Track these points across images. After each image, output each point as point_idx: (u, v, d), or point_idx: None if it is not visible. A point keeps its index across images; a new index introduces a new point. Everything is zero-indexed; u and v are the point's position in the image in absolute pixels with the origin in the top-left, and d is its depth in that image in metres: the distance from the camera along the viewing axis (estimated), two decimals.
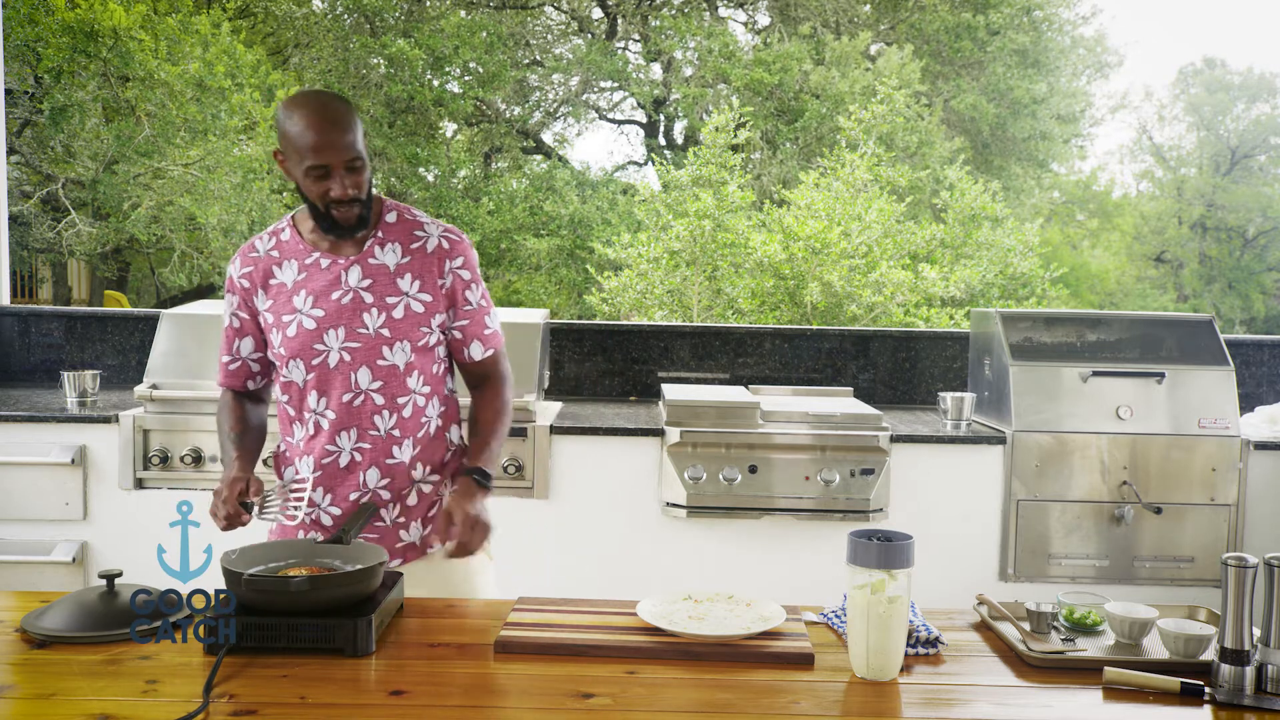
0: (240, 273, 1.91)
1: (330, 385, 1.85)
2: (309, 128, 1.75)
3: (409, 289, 1.86)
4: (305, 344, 1.84)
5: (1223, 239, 20.28)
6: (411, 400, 1.88)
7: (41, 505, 3.03)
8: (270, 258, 1.89)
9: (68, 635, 1.53)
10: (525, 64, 17.42)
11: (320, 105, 1.78)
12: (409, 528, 1.92)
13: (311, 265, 1.86)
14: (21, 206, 12.18)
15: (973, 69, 16.75)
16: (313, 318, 1.84)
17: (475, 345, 1.95)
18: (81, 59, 12.08)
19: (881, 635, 1.44)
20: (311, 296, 1.85)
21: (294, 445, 1.93)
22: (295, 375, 1.87)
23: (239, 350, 1.96)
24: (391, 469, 1.88)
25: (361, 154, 1.79)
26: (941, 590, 2.29)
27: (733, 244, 11.43)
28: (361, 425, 1.86)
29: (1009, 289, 11.98)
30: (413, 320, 1.86)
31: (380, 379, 1.85)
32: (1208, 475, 3.15)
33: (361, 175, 1.79)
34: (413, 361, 1.86)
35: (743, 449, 3.08)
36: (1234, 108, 21.49)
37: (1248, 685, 1.41)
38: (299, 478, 1.85)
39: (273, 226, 1.95)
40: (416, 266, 1.87)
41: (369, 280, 1.85)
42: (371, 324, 1.84)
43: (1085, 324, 3.39)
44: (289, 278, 1.87)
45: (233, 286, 1.93)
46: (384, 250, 1.87)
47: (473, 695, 1.38)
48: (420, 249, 1.88)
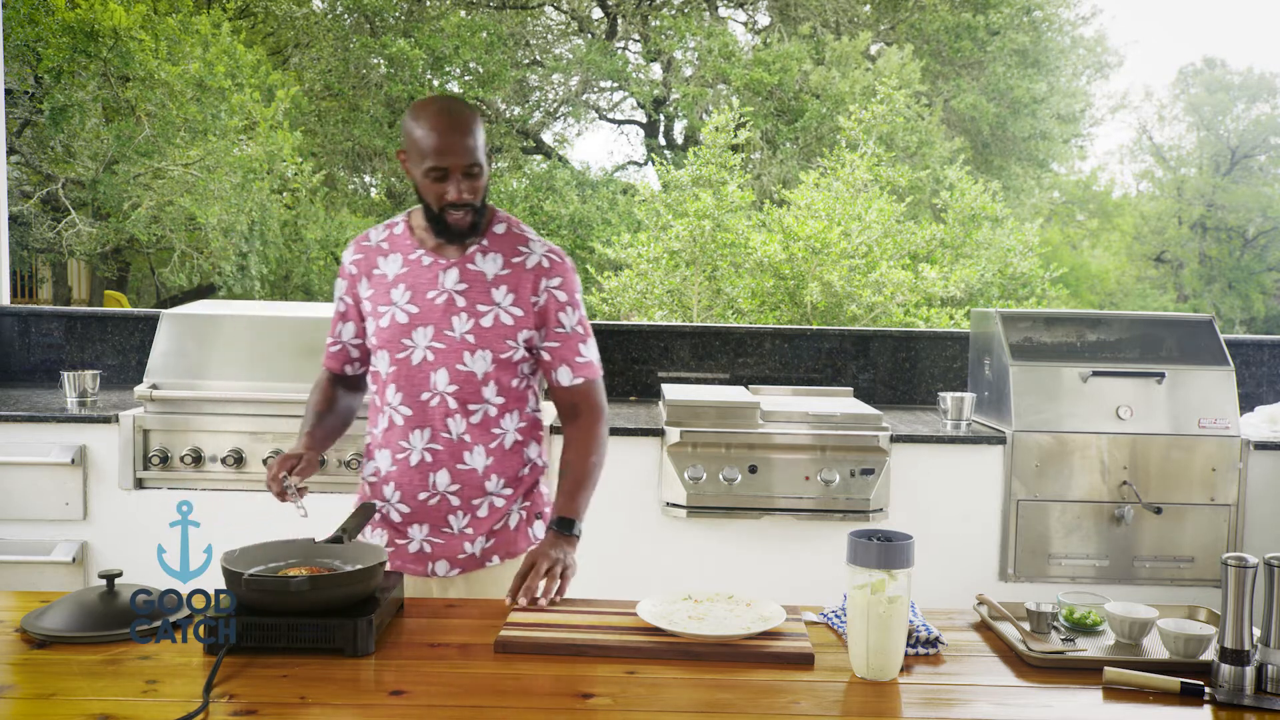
0: (351, 259, 1.97)
1: (409, 382, 1.88)
2: (432, 130, 1.78)
3: (501, 300, 1.88)
4: (394, 337, 1.88)
5: (1223, 239, 20.28)
6: (484, 409, 1.89)
7: (41, 505, 3.03)
8: (379, 249, 1.94)
9: (68, 635, 1.53)
10: (525, 64, 17.42)
11: (446, 110, 1.81)
12: (474, 540, 1.92)
13: (414, 261, 1.90)
14: (21, 206, 12.18)
15: (973, 69, 16.75)
16: (406, 312, 1.88)
17: (564, 370, 1.93)
18: (82, 59, 12.07)
19: (881, 635, 1.44)
20: (409, 291, 1.88)
21: (375, 436, 1.96)
22: (380, 366, 1.91)
23: (340, 334, 2.01)
24: (463, 475, 1.89)
25: (481, 162, 1.81)
26: (941, 590, 2.29)
27: (733, 244, 11.43)
28: (434, 426, 1.88)
29: (1009, 289, 11.98)
30: (499, 331, 1.87)
31: (456, 383, 1.87)
32: (1208, 475, 3.15)
33: (478, 182, 1.81)
34: (491, 372, 1.87)
35: (743, 449, 3.08)
36: (1234, 108, 21.49)
37: (1248, 685, 1.41)
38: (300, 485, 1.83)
39: (391, 219, 1.99)
40: (513, 280, 1.88)
41: (464, 285, 1.87)
42: (459, 328, 1.86)
43: (1085, 324, 3.39)
44: (391, 270, 1.91)
45: (343, 272, 1.99)
46: (485, 259, 1.89)
47: (473, 695, 1.38)
48: (520, 264, 1.90)
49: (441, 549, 1.91)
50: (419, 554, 1.93)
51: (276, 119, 13.13)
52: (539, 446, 1.99)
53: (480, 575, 1.93)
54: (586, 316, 1.98)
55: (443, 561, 1.92)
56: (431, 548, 1.92)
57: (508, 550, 1.94)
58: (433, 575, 1.93)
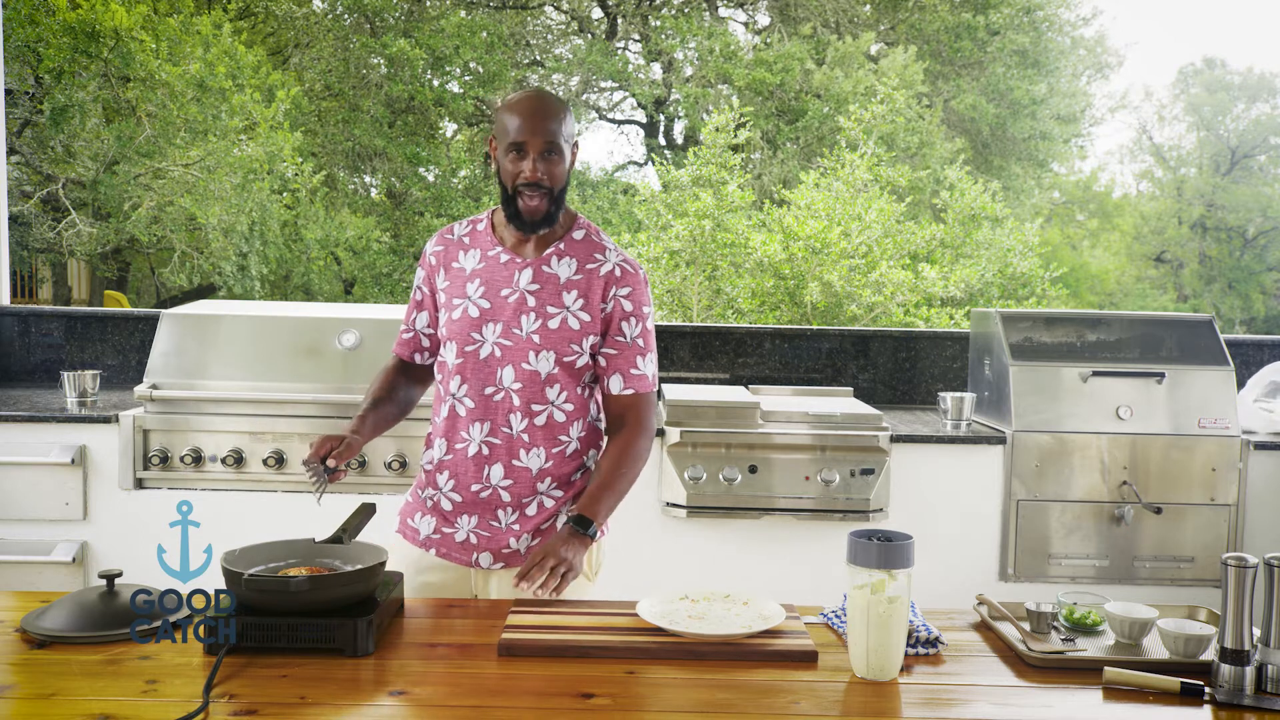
0: (433, 249, 2.00)
1: (476, 375, 1.90)
2: (519, 111, 1.83)
3: (571, 304, 1.90)
4: (465, 330, 1.90)
5: (1223, 239, 20.28)
6: (549, 411, 1.90)
7: (41, 505, 3.03)
8: (461, 243, 1.98)
9: (68, 635, 1.53)
10: (525, 64, 17.42)
11: (536, 94, 1.87)
12: (519, 537, 1.93)
13: (492, 258, 1.93)
14: (21, 206, 12.17)
15: (973, 69, 16.75)
16: (478, 307, 1.91)
17: (616, 378, 1.94)
18: (82, 59, 12.07)
19: (881, 635, 1.44)
20: (484, 286, 1.91)
21: (436, 425, 1.98)
22: (448, 357, 1.93)
23: (414, 322, 2.04)
24: (517, 471, 1.91)
25: (561, 147, 1.84)
26: (941, 590, 2.29)
27: (733, 244, 11.42)
28: (495, 421, 1.90)
29: (1009, 289, 11.97)
30: (565, 335, 1.89)
31: (521, 381, 1.89)
32: (1208, 475, 3.15)
33: (556, 167, 1.84)
34: (555, 374, 1.89)
35: (743, 449, 3.08)
36: (1234, 108, 21.49)
37: (1248, 685, 1.41)
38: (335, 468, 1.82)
39: (475, 216, 2.03)
40: (584, 285, 1.91)
41: (537, 286, 1.90)
42: (526, 327, 1.88)
43: (1085, 324, 3.39)
44: (469, 264, 1.94)
45: (424, 262, 2.02)
46: (560, 262, 1.92)
47: (473, 695, 1.38)
48: (594, 270, 1.92)
49: (487, 542, 1.93)
50: (465, 544, 1.95)
51: (277, 119, 13.12)
52: (596, 453, 2.01)
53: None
54: (652, 331, 1.98)
55: (487, 554, 1.94)
56: (478, 539, 1.94)
57: None
58: (476, 566, 1.95)
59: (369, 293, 14.43)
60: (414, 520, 2.00)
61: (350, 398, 3.03)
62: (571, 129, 1.88)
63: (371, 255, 14.38)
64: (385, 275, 14.59)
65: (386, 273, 14.61)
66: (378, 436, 1.97)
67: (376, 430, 1.94)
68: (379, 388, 2.01)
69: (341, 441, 1.81)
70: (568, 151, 1.87)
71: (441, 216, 14.69)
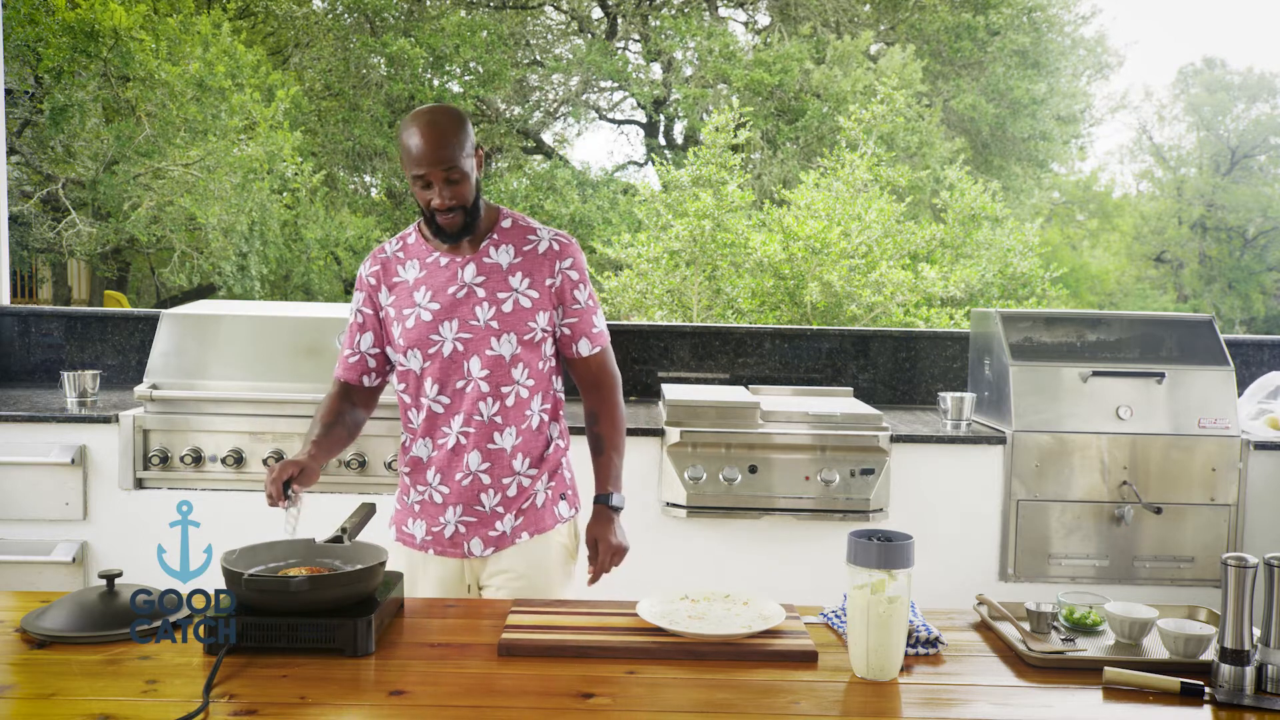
0: (369, 271, 2.07)
1: (444, 373, 1.98)
2: (413, 142, 1.90)
3: (519, 286, 1.99)
4: (423, 335, 1.98)
5: (1223, 239, 20.28)
6: (515, 391, 1.99)
7: (41, 505, 3.03)
8: (396, 258, 2.05)
9: (68, 635, 1.53)
10: (525, 64, 17.42)
11: (427, 121, 1.91)
12: (504, 518, 2.02)
13: (431, 264, 2.01)
14: (21, 206, 12.17)
15: (973, 69, 16.75)
16: (429, 310, 1.98)
17: (584, 342, 2.07)
18: (82, 59, 12.07)
19: (881, 635, 1.44)
20: (430, 291, 1.99)
21: (414, 430, 2.04)
22: (413, 364, 2.00)
23: (359, 344, 2.08)
24: (493, 454, 1.99)
25: (460, 167, 1.90)
26: (941, 590, 2.29)
27: (732, 244, 11.42)
28: (468, 410, 1.98)
29: (1009, 289, 11.97)
30: (520, 315, 1.98)
31: (488, 368, 1.97)
32: (1208, 475, 3.15)
33: (460, 187, 1.91)
34: (519, 354, 1.98)
35: (743, 449, 3.08)
36: (1234, 108, 21.49)
37: (1248, 685, 1.41)
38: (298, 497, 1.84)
39: (403, 231, 2.10)
40: (527, 266, 2.00)
41: (482, 277, 1.99)
42: (483, 316, 1.97)
43: (1085, 324, 3.39)
44: (411, 275, 2.02)
45: (361, 284, 2.09)
46: (498, 251, 2.01)
47: (473, 695, 1.38)
48: (532, 250, 2.01)
49: (474, 527, 2.01)
50: (454, 536, 2.02)
51: (276, 119, 13.12)
52: (559, 425, 2.11)
53: (511, 552, 2.03)
54: (593, 289, 2.10)
55: (476, 540, 2.01)
56: (466, 528, 2.01)
57: (537, 527, 2.05)
58: (469, 556, 2.02)
59: None
60: (408, 526, 2.07)
61: None
62: (469, 142, 1.93)
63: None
64: None
65: None
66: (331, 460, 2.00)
67: (330, 454, 1.96)
68: (325, 414, 2.03)
69: (302, 468, 1.81)
70: (471, 165, 1.93)
71: None
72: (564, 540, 2.10)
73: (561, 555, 2.09)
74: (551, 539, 2.07)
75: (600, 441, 2.13)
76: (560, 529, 2.09)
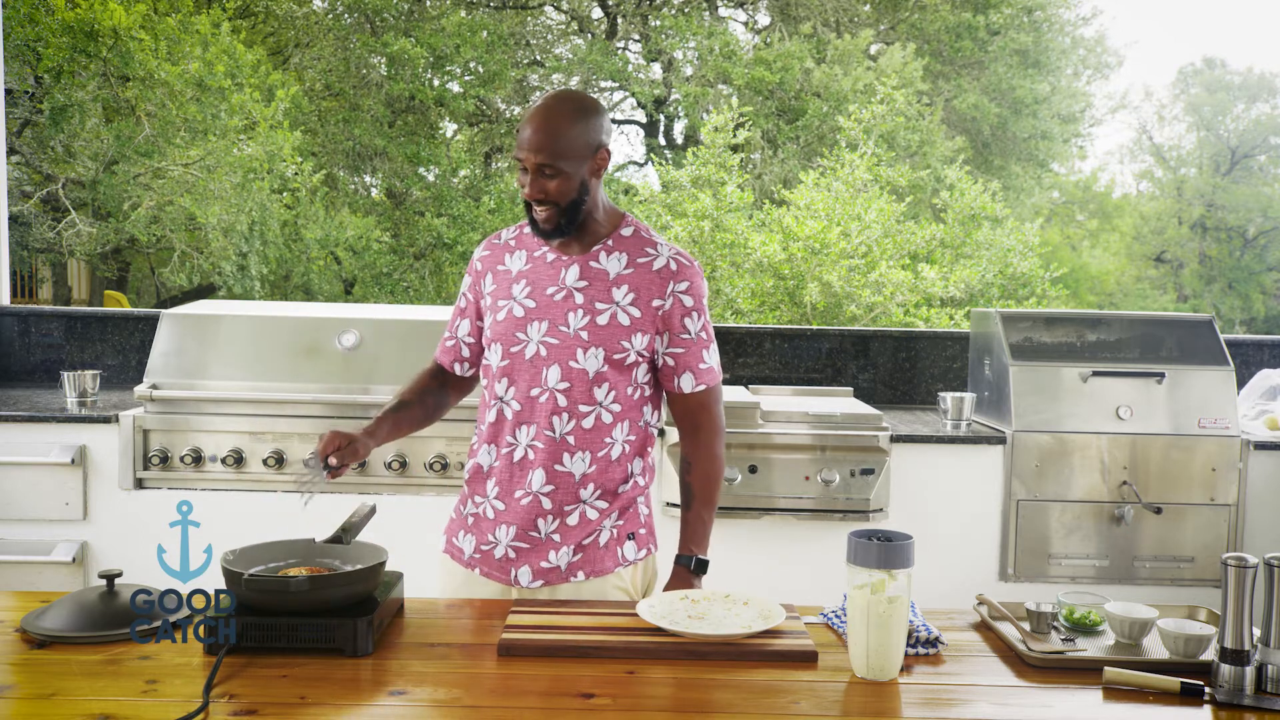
0: (480, 255, 1.98)
1: (521, 376, 1.85)
2: (524, 126, 1.80)
3: (621, 299, 1.83)
4: (509, 330, 1.86)
5: (1223, 239, 20.28)
6: (596, 413, 1.83)
7: (41, 505, 3.03)
8: (508, 245, 1.95)
9: (68, 635, 1.53)
10: (525, 64, 17.42)
11: (544, 104, 1.81)
12: (559, 550, 1.84)
13: (538, 258, 1.89)
14: (21, 206, 12.17)
15: (973, 69, 16.75)
16: (523, 306, 1.86)
17: (687, 376, 1.88)
18: (81, 59, 12.07)
19: (881, 635, 1.44)
20: (529, 286, 1.87)
21: (482, 432, 1.92)
22: (493, 359, 1.89)
23: (457, 330, 2.01)
24: (559, 477, 1.83)
25: (559, 162, 1.77)
26: (941, 590, 2.29)
27: (732, 244, 11.42)
28: (540, 423, 1.83)
29: (1009, 289, 11.97)
30: (615, 331, 1.82)
31: (568, 380, 1.82)
32: (1208, 475, 3.15)
33: (554, 183, 1.78)
34: (604, 372, 1.82)
35: (743, 449, 3.08)
36: (1234, 108, 21.48)
37: (1248, 685, 1.41)
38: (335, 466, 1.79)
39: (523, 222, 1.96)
40: (636, 280, 1.84)
41: (585, 282, 1.84)
42: (574, 324, 1.82)
43: (1085, 324, 3.39)
44: (516, 266, 1.91)
45: (471, 268, 2.00)
46: (609, 258, 1.86)
47: (473, 695, 1.38)
48: (646, 265, 1.85)
49: (525, 554, 1.84)
50: (504, 560, 1.86)
51: (276, 119, 13.12)
52: (643, 462, 1.91)
53: (564, 589, 1.86)
54: (710, 323, 1.91)
55: (525, 569, 1.85)
56: (516, 553, 1.85)
57: (594, 569, 1.86)
58: (515, 584, 1.86)
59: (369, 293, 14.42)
60: (458, 539, 1.94)
61: (350, 398, 3.04)
62: (583, 140, 1.79)
63: (371, 255, 14.37)
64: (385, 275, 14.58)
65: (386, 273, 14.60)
66: (394, 440, 1.95)
67: (395, 433, 1.91)
68: (409, 390, 1.98)
69: (350, 441, 1.78)
70: (575, 165, 1.78)
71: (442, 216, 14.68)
72: (624, 585, 1.88)
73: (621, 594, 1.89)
74: (609, 583, 1.86)
75: (690, 494, 1.92)
76: (622, 573, 1.88)
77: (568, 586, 1.86)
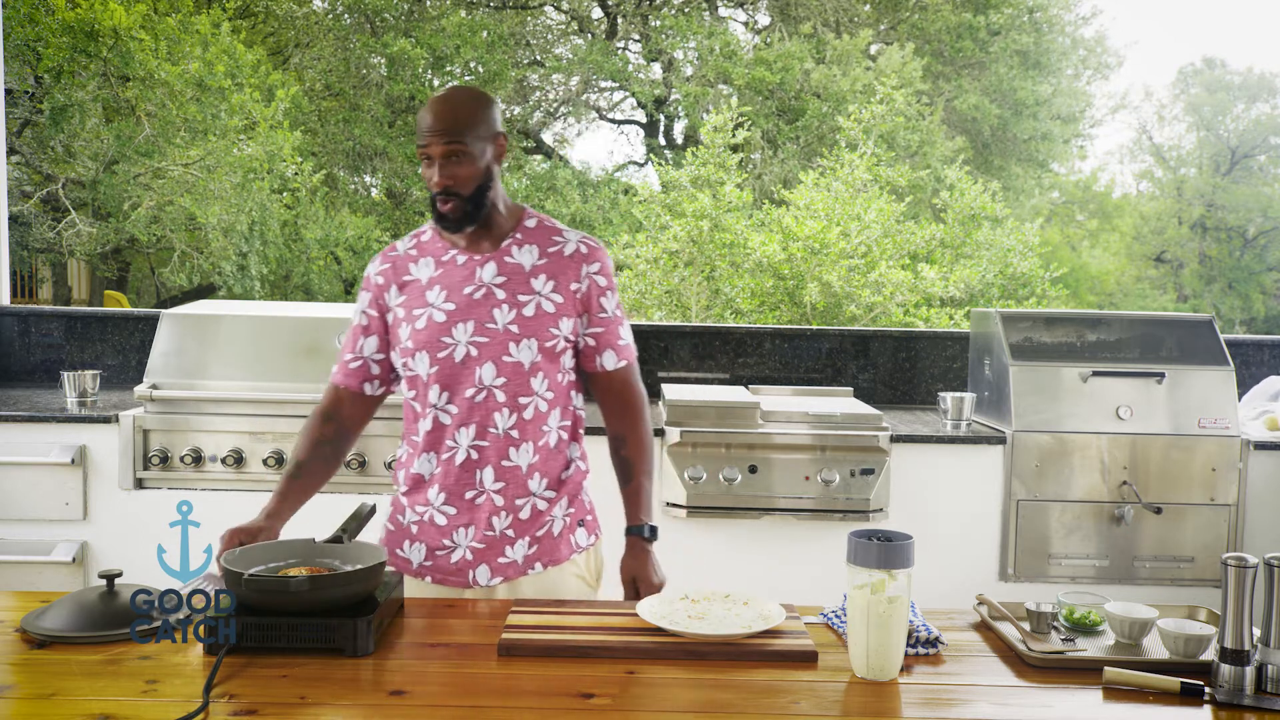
0: (377, 270, 1.94)
1: (455, 380, 1.83)
2: (423, 117, 1.80)
3: (542, 289, 1.86)
4: (434, 336, 1.84)
5: (1223, 239, 20.28)
6: (534, 403, 1.85)
7: (41, 505, 3.03)
8: (408, 256, 1.92)
9: (68, 635, 1.53)
10: (525, 64, 17.42)
11: (442, 98, 1.83)
12: (515, 544, 1.87)
13: (448, 262, 1.88)
14: (21, 206, 12.17)
15: (974, 69, 16.75)
16: (443, 311, 1.84)
17: (609, 354, 1.93)
18: (82, 59, 12.07)
19: (881, 635, 1.44)
20: (445, 291, 1.85)
21: (416, 442, 1.89)
22: (420, 369, 1.85)
23: (362, 349, 1.94)
24: (507, 472, 1.85)
25: (465, 145, 1.79)
26: (941, 590, 2.29)
27: (731, 244, 11.43)
28: (481, 422, 1.83)
29: (1009, 289, 11.98)
30: (542, 320, 1.84)
31: (504, 375, 1.83)
32: (1208, 475, 3.15)
33: (461, 168, 1.79)
34: (538, 362, 1.84)
35: (743, 449, 3.08)
36: (1234, 108, 21.48)
37: (1248, 685, 1.41)
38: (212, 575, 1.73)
39: (417, 229, 1.98)
40: (552, 268, 1.87)
41: (503, 278, 1.85)
42: (501, 319, 1.83)
43: (1085, 324, 3.39)
44: (424, 274, 1.88)
45: (368, 284, 1.95)
46: (521, 250, 1.88)
47: (473, 695, 1.38)
48: (558, 253, 1.88)
49: (482, 554, 1.85)
50: (460, 563, 1.86)
51: (276, 119, 13.12)
52: (580, 447, 1.96)
53: (523, 583, 1.88)
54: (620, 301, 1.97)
55: (484, 568, 1.86)
56: (473, 554, 1.85)
57: (551, 558, 1.89)
58: (474, 585, 1.86)
59: None
60: (403, 550, 1.91)
61: None
62: (485, 126, 1.82)
63: (371, 255, 14.37)
64: None
65: None
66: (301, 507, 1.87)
67: (301, 500, 1.86)
68: (302, 449, 1.89)
69: (252, 535, 1.71)
70: (481, 150, 1.81)
71: None
72: (580, 572, 1.94)
73: (578, 589, 1.93)
74: (566, 571, 1.91)
75: (628, 467, 1.97)
76: (577, 559, 1.93)
77: (526, 580, 1.88)
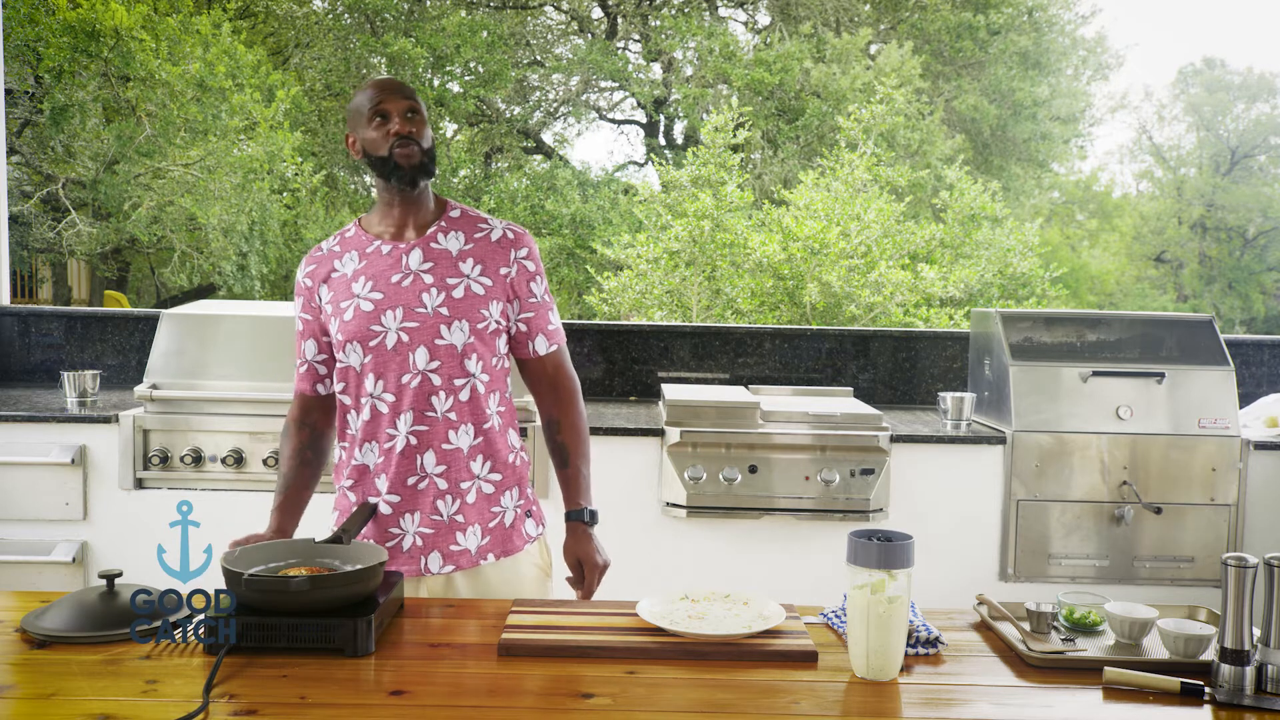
0: (305, 272, 1.94)
1: (388, 367, 1.83)
2: (370, 87, 1.87)
3: (470, 272, 1.86)
4: (363, 326, 1.83)
5: (1223, 239, 20.28)
6: (470, 384, 1.84)
7: (41, 505, 3.03)
8: (333, 253, 1.93)
9: (68, 635, 1.53)
10: (525, 64, 17.42)
11: (384, 77, 2.00)
12: (465, 531, 1.86)
13: (373, 253, 1.89)
14: (21, 206, 12.17)
15: (973, 69, 16.75)
16: (370, 300, 1.84)
17: (540, 339, 1.94)
18: (82, 59, 12.07)
19: (881, 635, 1.44)
20: (370, 281, 1.86)
21: (355, 433, 1.88)
22: (352, 360, 1.85)
23: (305, 353, 1.96)
24: (449, 455, 1.84)
25: (421, 109, 1.88)
26: (941, 590, 2.29)
27: (732, 244, 11.43)
28: (418, 407, 1.83)
29: (1009, 289, 11.98)
30: (472, 301, 1.84)
31: (438, 359, 1.82)
32: (1208, 475, 3.15)
33: (417, 125, 1.85)
34: (471, 344, 1.83)
35: (743, 449, 3.08)
36: (1234, 108, 21.49)
37: (1248, 685, 1.41)
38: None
39: (342, 228, 1.99)
40: (479, 253, 1.88)
41: (430, 263, 1.86)
42: (430, 303, 1.83)
43: (1085, 324, 3.39)
44: (350, 267, 1.89)
45: (299, 289, 1.96)
46: (447, 238, 1.89)
47: (473, 695, 1.38)
48: (484, 238, 1.90)
49: (432, 540, 1.84)
50: (411, 550, 1.85)
51: (277, 119, 13.13)
52: (516, 432, 1.96)
53: (476, 574, 1.88)
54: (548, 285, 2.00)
55: (435, 554, 1.85)
56: (423, 540, 1.85)
57: (504, 549, 1.90)
58: (426, 573, 1.85)
59: None
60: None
61: None
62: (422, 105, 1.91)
63: None
64: None
65: None
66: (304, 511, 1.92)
67: (299, 514, 1.89)
68: (287, 461, 1.93)
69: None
70: (427, 119, 1.89)
71: None
72: (536, 561, 1.95)
73: (536, 578, 1.94)
74: (522, 561, 1.91)
75: (565, 452, 1.97)
76: (530, 549, 1.93)
77: (480, 570, 1.88)
